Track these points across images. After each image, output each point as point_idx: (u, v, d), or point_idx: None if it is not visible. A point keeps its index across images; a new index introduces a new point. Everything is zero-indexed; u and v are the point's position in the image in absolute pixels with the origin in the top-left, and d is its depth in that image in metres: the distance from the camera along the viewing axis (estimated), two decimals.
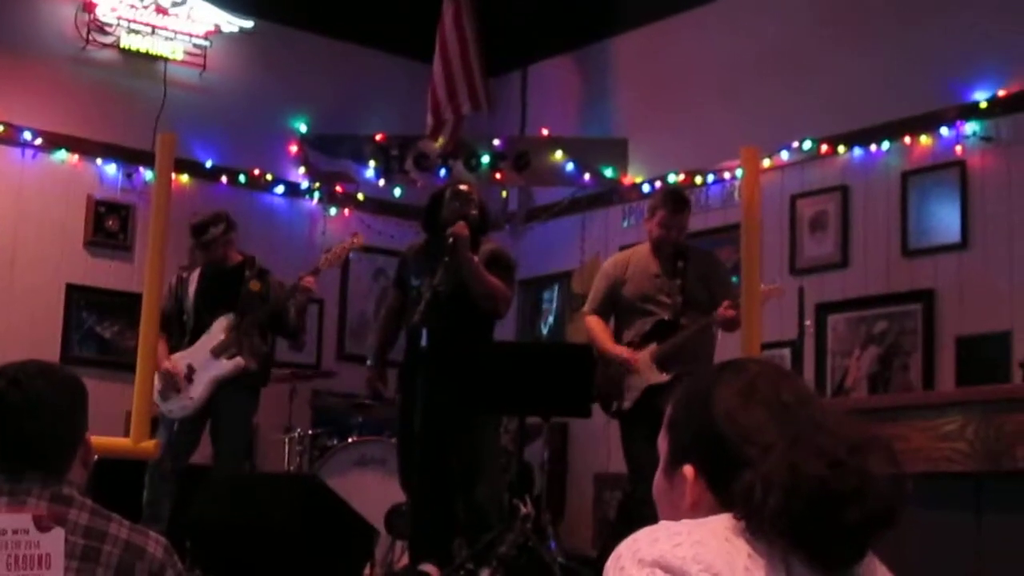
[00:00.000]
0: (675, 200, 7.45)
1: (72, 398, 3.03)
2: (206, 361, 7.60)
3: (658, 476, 1.93)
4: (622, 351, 7.06)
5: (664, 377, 6.87)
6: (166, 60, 9.94)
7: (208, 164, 10.04)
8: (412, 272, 7.00)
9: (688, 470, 1.82)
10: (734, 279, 7.17)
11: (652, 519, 1.82)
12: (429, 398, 6.62)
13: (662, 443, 1.93)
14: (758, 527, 1.69)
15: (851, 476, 1.66)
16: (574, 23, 10.38)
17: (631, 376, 7.00)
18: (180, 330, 7.78)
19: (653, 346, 7.01)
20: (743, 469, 1.72)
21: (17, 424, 2.92)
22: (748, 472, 1.71)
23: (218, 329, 7.65)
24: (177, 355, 7.68)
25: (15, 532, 2.40)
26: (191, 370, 7.60)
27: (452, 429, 6.70)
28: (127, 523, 2.95)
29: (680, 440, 1.89)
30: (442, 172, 10.34)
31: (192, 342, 7.69)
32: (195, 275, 7.87)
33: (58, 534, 2.44)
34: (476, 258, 6.72)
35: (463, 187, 7.18)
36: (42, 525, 2.43)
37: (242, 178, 10.19)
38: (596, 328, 7.30)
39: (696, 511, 1.79)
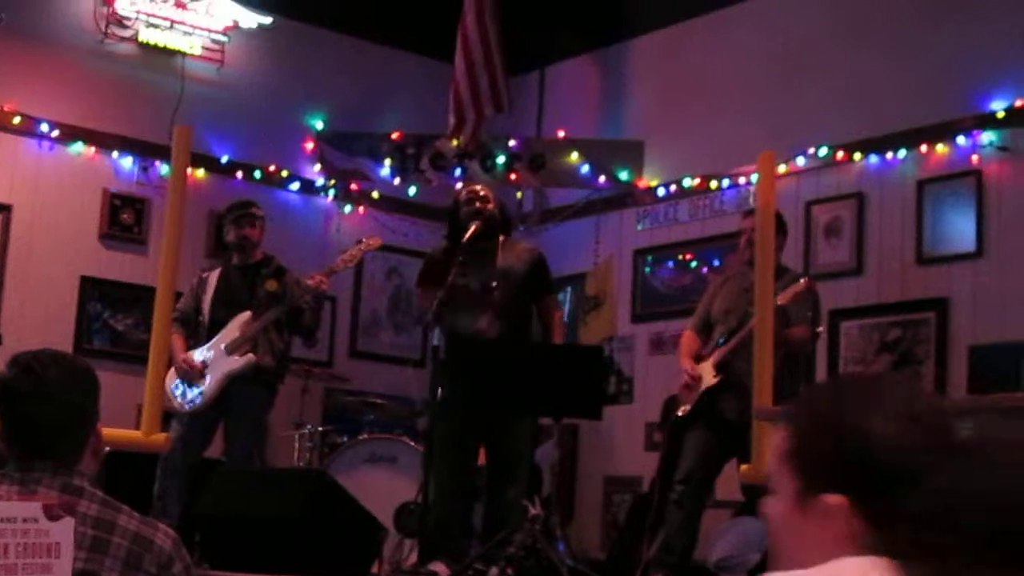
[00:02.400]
0: (745, 209, 7.81)
1: (84, 387, 3.03)
2: (219, 357, 7.61)
3: (781, 509, 1.78)
4: (686, 366, 7.24)
5: (715, 380, 6.97)
6: (184, 55, 9.95)
7: (224, 159, 10.05)
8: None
9: (837, 500, 1.69)
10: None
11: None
12: (447, 398, 6.69)
13: (783, 474, 1.78)
14: (946, 553, 1.52)
15: None
16: (592, 24, 10.38)
17: (697, 386, 7.17)
18: (198, 329, 7.80)
19: (716, 353, 7.08)
20: (906, 491, 1.58)
21: (28, 412, 2.93)
22: (913, 490, 1.57)
23: (234, 326, 7.67)
24: (193, 352, 7.70)
25: (24, 520, 2.40)
26: (204, 365, 7.62)
27: (472, 430, 6.77)
28: (136, 515, 2.96)
29: (815, 468, 1.74)
30: (457, 172, 10.34)
31: (208, 340, 7.71)
32: (214, 275, 7.89)
33: (68, 523, 2.44)
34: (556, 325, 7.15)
35: (477, 187, 7.25)
36: (52, 514, 2.43)
37: (257, 174, 10.19)
38: (682, 344, 7.50)
39: (847, 544, 1.69)
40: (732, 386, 6.88)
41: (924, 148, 8.36)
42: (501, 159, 10.39)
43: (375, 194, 10.71)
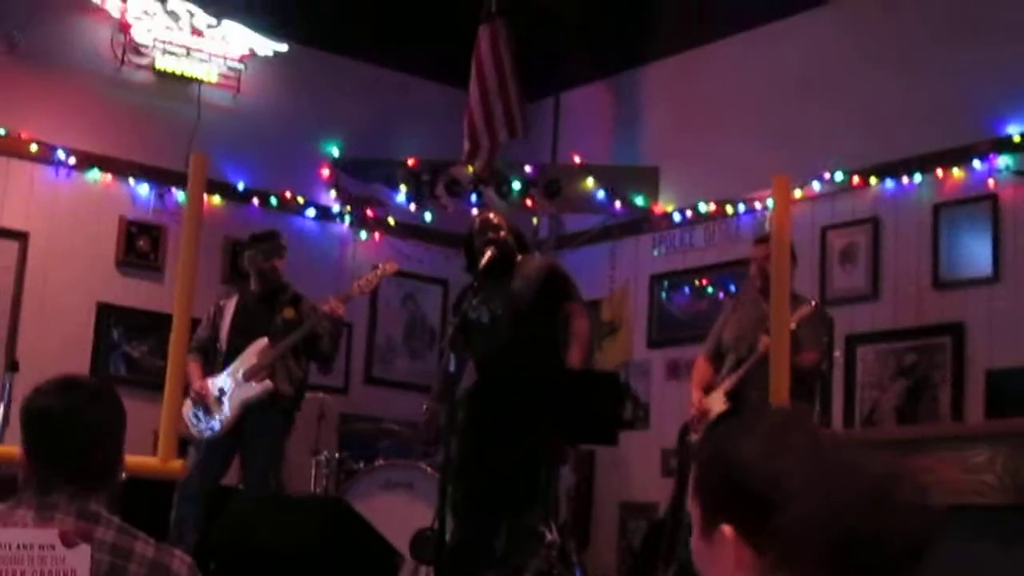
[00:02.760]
0: (756, 237, 7.90)
1: (114, 416, 3.03)
2: (237, 384, 7.63)
3: (695, 541, 1.87)
4: (694, 401, 7.30)
5: (725, 406, 6.97)
6: (200, 82, 9.97)
7: (240, 186, 10.07)
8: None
9: (727, 531, 1.78)
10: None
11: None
12: (466, 425, 6.71)
13: (693, 507, 1.88)
14: (794, 572, 1.68)
15: (883, 514, 1.66)
16: (607, 50, 10.39)
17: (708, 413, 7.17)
18: (215, 356, 7.82)
19: (727, 380, 7.09)
20: (777, 518, 1.70)
21: (55, 438, 2.92)
22: (779, 517, 1.69)
23: (251, 353, 7.69)
24: (210, 379, 7.72)
25: (41, 547, 2.40)
26: (222, 393, 7.63)
27: (487, 456, 6.77)
28: (153, 542, 2.95)
29: (711, 501, 1.84)
30: (473, 198, 10.35)
31: (226, 367, 7.72)
32: (232, 303, 7.93)
33: (84, 551, 2.45)
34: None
35: (490, 215, 7.29)
36: (68, 541, 2.43)
37: (273, 201, 10.21)
38: (694, 372, 7.54)
39: (742, 571, 1.76)
40: (736, 412, 6.88)
41: (940, 172, 8.34)
42: (516, 185, 10.39)
43: (391, 220, 10.72)
